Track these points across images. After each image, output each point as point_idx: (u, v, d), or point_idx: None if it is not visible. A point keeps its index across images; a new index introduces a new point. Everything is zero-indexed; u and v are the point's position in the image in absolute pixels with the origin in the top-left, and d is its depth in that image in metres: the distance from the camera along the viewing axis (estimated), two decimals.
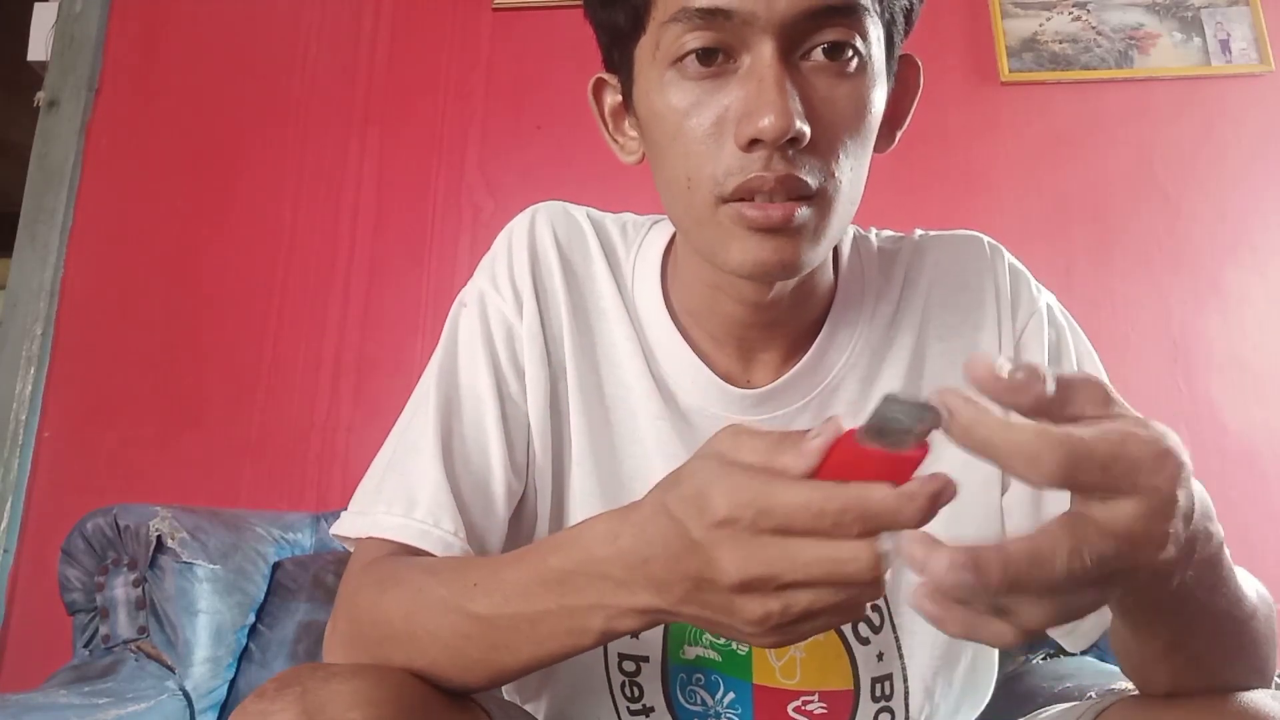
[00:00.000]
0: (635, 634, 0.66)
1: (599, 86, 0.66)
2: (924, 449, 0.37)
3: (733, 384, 0.66)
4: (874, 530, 0.37)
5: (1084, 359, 0.69)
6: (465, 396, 0.66)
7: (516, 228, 0.71)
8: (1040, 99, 1.75)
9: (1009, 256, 0.71)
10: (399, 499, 0.61)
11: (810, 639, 0.66)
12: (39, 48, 1.83)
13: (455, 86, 1.80)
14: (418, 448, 0.63)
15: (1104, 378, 0.68)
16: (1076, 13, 1.79)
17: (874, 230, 0.74)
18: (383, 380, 1.64)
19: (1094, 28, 1.78)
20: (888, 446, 0.36)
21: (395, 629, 0.53)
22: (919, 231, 0.73)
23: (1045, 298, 0.70)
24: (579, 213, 0.73)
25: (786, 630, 0.40)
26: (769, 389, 0.65)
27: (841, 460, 0.38)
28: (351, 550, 0.64)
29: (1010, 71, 1.75)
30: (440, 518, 0.60)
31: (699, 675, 0.66)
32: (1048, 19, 1.78)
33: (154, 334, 1.68)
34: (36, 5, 1.85)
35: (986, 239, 0.72)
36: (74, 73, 1.80)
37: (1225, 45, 1.75)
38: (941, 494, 0.37)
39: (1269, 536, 1.52)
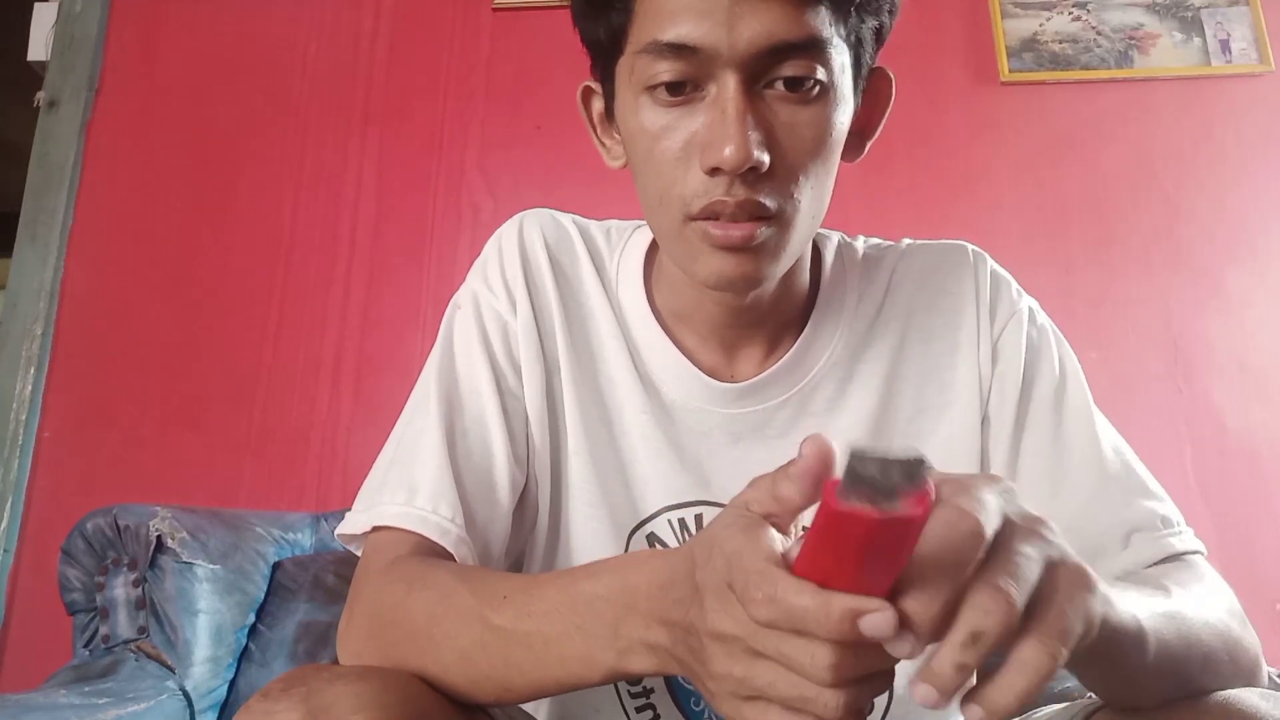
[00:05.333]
0: (638, 681, 0.67)
1: (587, 93, 0.69)
2: (921, 508, 0.31)
3: (717, 379, 0.68)
4: (799, 631, 0.35)
5: (1066, 363, 0.70)
6: (465, 392, 0.68)
7: (506, 232, 0.74)
8: (1040, 99, 1.75)
9: (992, 263, 0.73)
10: (401, 488, 0.63)
11: None
12: (39, 48, 1.83)
13: (455, 86, 1.80)
14: (420, 442, 0.65)
15: (1082, 383, 0.69)
16: (1076, 13, 1.79)
17: (861, 238, 0.76)
18: (383, 380, 1.64)
19: (1094, 28, 1.78)
20: (872, 505, 0.31)
21: (416, 630, 0.53)
22: (907, 240, 0.76)
23: (1027, 302, 0.72)
24: (564, 218, 0.75)
25: (740, 704, 0.38)
26: (750, 384, 0.67)
27: (832, 527, 0.33)
28: (357, 551, 0.65)
29: (1010, 71, 1.75)
30: (439, 504, 0.62)
31: None
32: (1048, 19, 1.78)
33: (154, 334, 1.68)
34: (36, 5, 1.85)
35: (971, 247, 0.74)
36: (74, 73, 1.80)
37: (1225, 45, 1.75)
38: (865, 615, 0.33)
39: (1269, 536, 1.52)
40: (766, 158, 0.55)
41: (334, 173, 1.76)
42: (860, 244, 0.75)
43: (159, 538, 1.18)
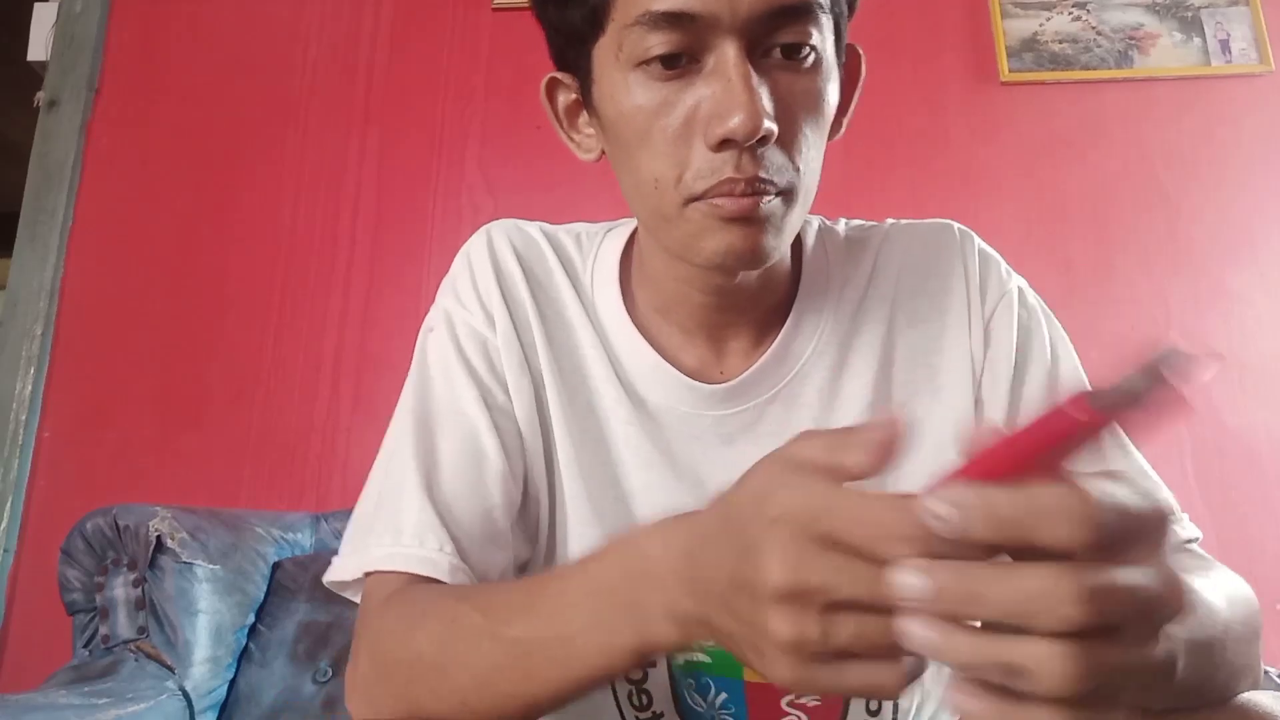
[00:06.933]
0: (670, 654, 0.64)
1: (552, 86, 0.66)
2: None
3: (706, 376, 0.66)
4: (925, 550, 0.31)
5: (1057, 344, 0.68)
6: (444, 414, 0.65)
7: (474, 246, 0.71)
8: (1040, 99, 1.75)
9: (979, 242, 0.71)
10: (388, 531, 0.61)
11: None
12: (39, 48, 1.83)
13: (455, 86, 1.80)
14: (401, 481, 0.62)
15: (1075, 363, 0.67)
16: (1076, 13, 1.79)
17: (842, 220, 0.74)
18: (383, 380, 1.64)
19: (1094, 28, 1.78)
20: (1125, 407, 0.29)
21: (425, 664, 0.51)
22: (890, 221, 0.73)
23: (1016, 281, 0.70)
24: (531, 227, 0.72)
25: (816, 668, 0.34)
26: (737, 382, 0.65)
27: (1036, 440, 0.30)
28: (353, 598, 0.63)
29: (1010, 71, 1.75)
30: (425, 538, 0.59)
31: (690, 680, 0.65)
32: (1048, 19, 1.78)
33: (154, 334, 1.68)
34: (36, 5, 1.85)
35: (957, 225, 0.72)
36: (74, 73, 1.80)
37: (1225, 45, 1.75)
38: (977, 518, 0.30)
39: (1269, 536, 1.52)
40: (775, 126, 0.53)
41: (334, 173, 1.76)
42: (842, 226, 0.73)
43: (159, 538, 1.18)
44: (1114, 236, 1.68)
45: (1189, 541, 0.61)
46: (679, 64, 0.54)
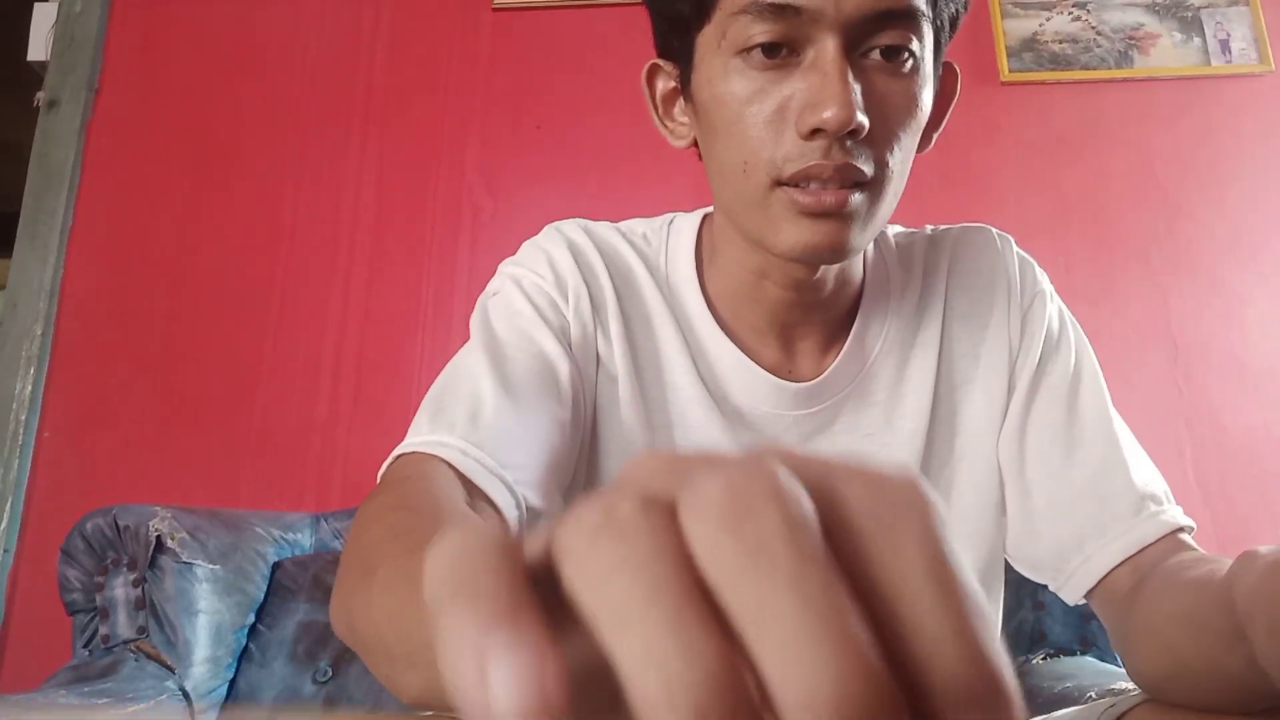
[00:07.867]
0: None
1: (653, 72, 0.67)
2: None
3: (782, 376, 0.67)
4: None
5: (1079, 344, 0.71)
6: (511, 345, 0.63)
7: (544, 233, 0.70)
8: (1040, 99, 1.75)
9: (1016, 245, 0.75)
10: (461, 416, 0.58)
11: None
12: (39, 48, 1.83)
13: (455, 86, 1.80)
14: (469, 377, 0.60)
15: (1094, 362, 0.69)
16: (1076, 13, 1.79)
17: (888, 226, 0.75)
18: (383, 380, 1.64)
19: (1094, 28, 1.78)
20: None
21: (355, 574, 0.45)
22: (929, 227, 0.76)
23: (1046, 285, 0.74)
24: (600, 224, 0.72)
25: None
26: (819, 382, 0.66)
27: None
28: None
29: (1010, 71, 1.75)
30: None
31: None
32: (1048, 19, 1.78)
33: (154, 334, 1.68)
34: (36, 5, 1.86)
35: (994, 229, 0.75)
36: (74, 73, 1.80)
37: (1225, 45, 1.75)
38: None
39: (1269, 536, 1.52)
40: (867, 121, 0.54)
41: (334, 173, 1.76)
42: (890, 231, 0.75)
43: (159, 538, 1.18)
44: (1114, 237, 1.68)
45: (1182, 530, 0.61)
46: (779, 54, 0.56)
